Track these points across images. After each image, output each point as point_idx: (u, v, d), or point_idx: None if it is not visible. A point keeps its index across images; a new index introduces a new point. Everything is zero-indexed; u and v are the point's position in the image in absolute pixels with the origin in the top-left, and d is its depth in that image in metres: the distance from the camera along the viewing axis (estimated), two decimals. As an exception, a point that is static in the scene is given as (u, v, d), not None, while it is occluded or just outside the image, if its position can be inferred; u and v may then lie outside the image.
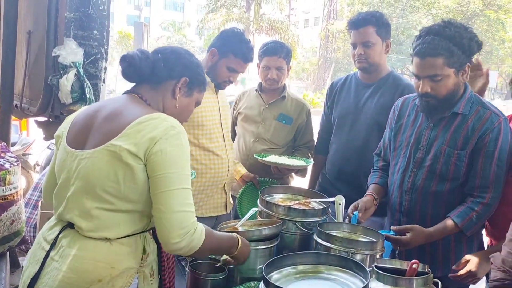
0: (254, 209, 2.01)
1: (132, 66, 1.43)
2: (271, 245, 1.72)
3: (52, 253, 1.33)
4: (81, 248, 1.30)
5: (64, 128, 1.44)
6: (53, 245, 1.34)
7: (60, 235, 1.34)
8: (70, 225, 1.34)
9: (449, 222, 1.78)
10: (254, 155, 2.55)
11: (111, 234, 1.30)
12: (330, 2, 27.98)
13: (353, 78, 2.53)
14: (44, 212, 2.07)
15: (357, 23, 2.31)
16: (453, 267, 1.73)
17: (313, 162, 2.60)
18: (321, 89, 24.08)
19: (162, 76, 1.47)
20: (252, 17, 25.72)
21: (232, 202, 2.58)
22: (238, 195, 2.58)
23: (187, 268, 1.74)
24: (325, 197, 2.03)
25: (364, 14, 2.34)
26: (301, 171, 2.74)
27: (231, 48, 2.28)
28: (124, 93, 1.49)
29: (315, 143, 2.79)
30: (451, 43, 1.70)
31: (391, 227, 1.83)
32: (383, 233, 1.75)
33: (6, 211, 2.23)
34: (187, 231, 1.27)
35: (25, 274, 1.38)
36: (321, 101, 19.61)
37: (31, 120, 4.74)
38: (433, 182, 1.86)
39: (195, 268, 1.68)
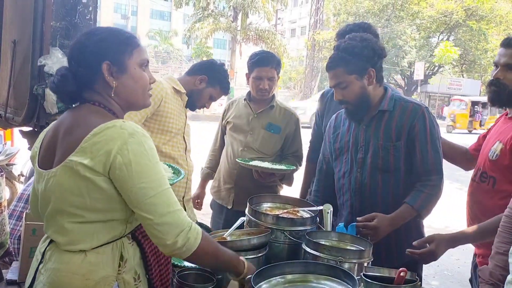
0: (242, 219, 2.01)
1: (66, 92, 1.36)
2: (260, 255, 1.72)
3: (40, 266, 1.33)
4: (58, 262, 1.29)
5: (36, 147, 1.42)
6: (42, 258, 1.33)
7: (47, 248, 1.33)
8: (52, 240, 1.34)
9: (404, 206, 1.94)
10: (237, 159, 2.56)
11: (86, 245, 1.28)
12: (316, 12, 28.26)
13: None
14: (28, 223, 2.04)
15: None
16: (414, 243, 1.81)
17: (294, 168, 2.61)
18: (308, 98, 24.22)
19: (87, 77, 1.33)
20: (239, 27, 25.83)
21: (195, 217, 2.58)
22: None
23: (174, 279, 1.73)
24: (313, 206, 2.03)
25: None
26: (286, 179, 2.75)
27: (220, 81, 2.54)
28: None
29: (303, 152, 2.80)
30: (346, 54, 1.96)
31: (357, 218, 1.94)
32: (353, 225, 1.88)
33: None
34: (181, 229, 1.25)
35: (26, 284, 1.39)
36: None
37: (16, 130, 4.68)
38: (378, 177, 2.02)
39: (183, 279, 1.67)
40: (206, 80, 2.51)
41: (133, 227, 1.37)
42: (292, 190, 2.85)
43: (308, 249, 1.65)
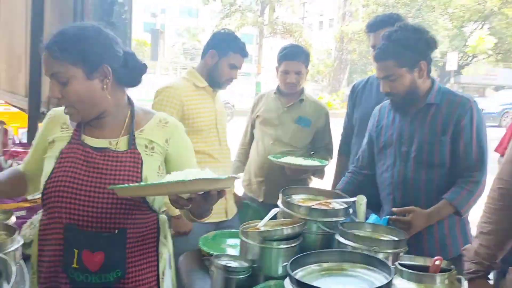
0: (275, 210, 2.04)
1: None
2: (294, 244, 1.75)
3: None
4: None
5: None
6: None
7: None
8: None
9: (443, 202, 1.90)
10: (268, 157, 2.58)
11: None
12: (344, 3, 27.83)
13: (374, 79, 2.55)
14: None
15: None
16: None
17: (327, 163, 2.62)
18: (337, 91, 23.95)
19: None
20: (266, 21, 25.75)
21: (235, 208, 2.60)
22: None
23: (211, 267, 1.78)
24: (346, 197, 2.05)
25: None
26: (318, 173, 2.76)
27: (229, 46, 2.39)
28: None
29: (333, 145, 2.81)
30: (398, 45, 1.90)
31: (392, 209, 1.94)
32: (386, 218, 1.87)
33: (36, 214, 2.30)
34: None
35: None
36: (337, 103, 19.53)
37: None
38: (422, 172, 1.98)
39: (219, 267, 1.72)
40: (215, 53, 2.39)
41: None
42: (323, 182, 2.87)
43: (341, 240, 1.67)
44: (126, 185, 1.23)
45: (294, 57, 2.66)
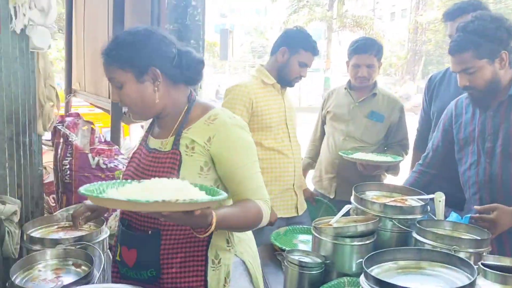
0: (348, 206, 2.02)
1: None
2: (368, 242, 1.72)
3: None
4: None
5: None
6: None
7: None
8: None
9: None
10: (339, 153, 2.55)
11: None
12: (418, -8, 26.62)
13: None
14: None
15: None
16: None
17: (402, 159, 2.53)
18: (411, 84, 22.95)
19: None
20: (335, 15, 25.30)
21: (305, 204, 2.59)
22: None
23: (284, 262, 1.81)
24: (423, 194, 1.97)
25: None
26: (391, 169, 2.67)
27: (300, 43, 2.37)
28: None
29: (408, 141, 2.71)
30: (476, 36, 1.79)
31: (474, 207, 1.83)
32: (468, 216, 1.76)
33: (120, 208, 2.47)
34: None
35: None
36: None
37: (132, 126, 5.16)
38: (510, 167, 1.86)
39: (294, 262, 1.74)
40: (286, 50, 2.38)
41: None
42: (398, 179, 2.78)
43: (418, 238, 1.62)
44: (89, 192, 1.14)
45: (365, 50, 2.60)
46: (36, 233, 1.77)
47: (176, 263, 1.39)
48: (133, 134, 5.73)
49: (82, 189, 1.14)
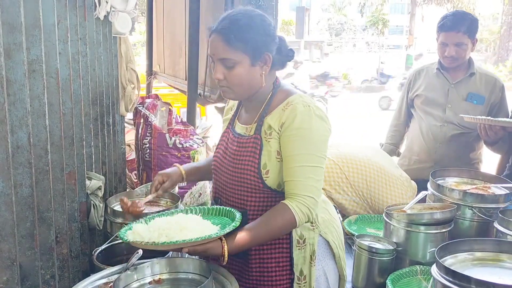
0: (424, 192, 1.93)
1: None
2: (444, 230, 1.64)
3: None
4: None
5: None
6: None
7: None
8: None
9: None
10: (460, 115, 2.29)
11: None
12: (516, -42, 24.05)
13: None
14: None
15: None
16: None
17: None
18: (504, 61, 21.04)
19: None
20: (420, -12, 23.79)
21: None
22: None
23: (353, 247, 1.78)
24: (509, 182, 1.82)
25: None
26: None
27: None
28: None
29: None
30: None
31: None
32: None
33: (195, 185, 2.58)
34: None
35: None
36: (503, 75, 17.18)
37: (209, 107, 5.32)
38: None
39: (363, 247, 1.71)
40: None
41: None
42: (487, 166, 2.57)
43: (501, 228, 1.51)
44: (126, 236, 1.26)
45: (452, 27, 2.36)
46: (119, 207, 1.90)
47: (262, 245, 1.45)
48: (209, 115, 5.91)
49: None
